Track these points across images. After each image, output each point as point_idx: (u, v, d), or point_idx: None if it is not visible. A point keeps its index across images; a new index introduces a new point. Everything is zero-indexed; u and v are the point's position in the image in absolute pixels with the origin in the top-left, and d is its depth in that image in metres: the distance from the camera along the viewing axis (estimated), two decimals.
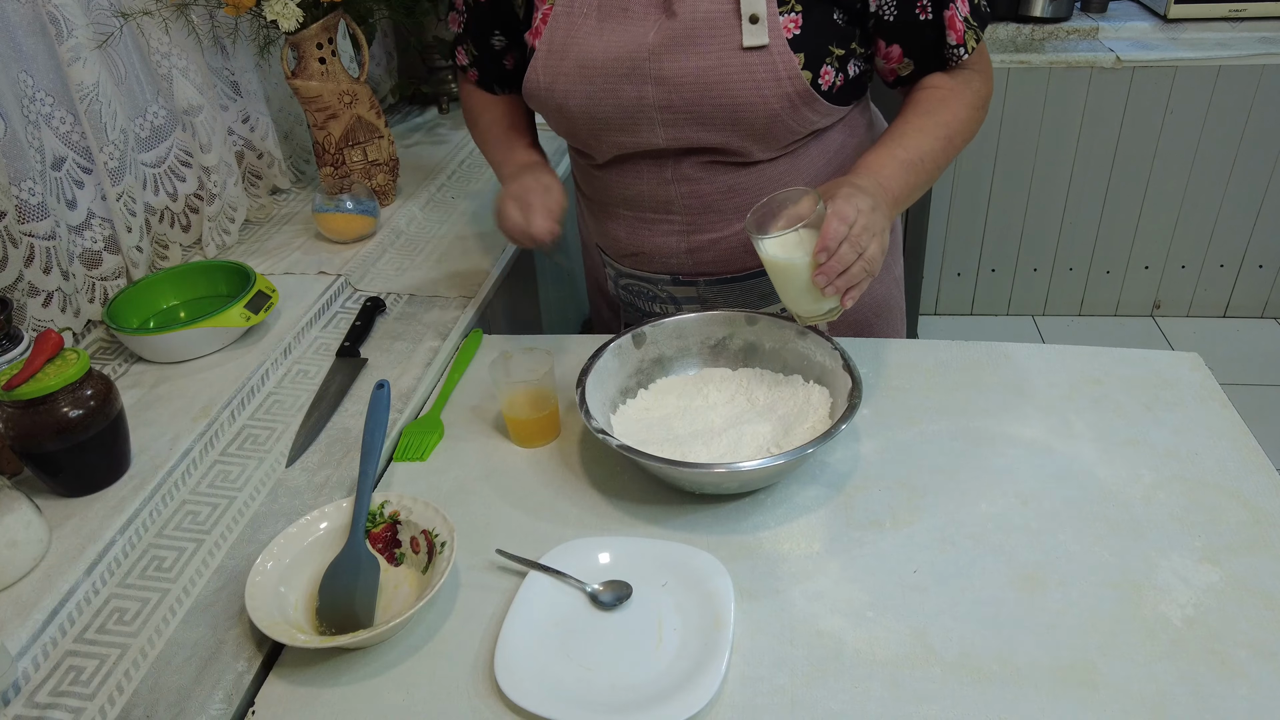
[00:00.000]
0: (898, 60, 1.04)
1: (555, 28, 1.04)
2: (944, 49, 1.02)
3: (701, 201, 1.11)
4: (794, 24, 0.98)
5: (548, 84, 1.06)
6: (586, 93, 1.04)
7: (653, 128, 1.04)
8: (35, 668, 0.78)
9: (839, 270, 0.88)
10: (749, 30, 0.97)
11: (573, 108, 1.06)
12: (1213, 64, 2.43)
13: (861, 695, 0.72)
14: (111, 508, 0.92)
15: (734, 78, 0.99)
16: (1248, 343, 2.76)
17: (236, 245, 1.48)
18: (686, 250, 1.15)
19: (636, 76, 1.01)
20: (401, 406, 1.08)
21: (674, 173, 1.09)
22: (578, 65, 1.03)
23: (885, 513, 0.90)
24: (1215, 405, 1.01)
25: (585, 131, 1.09)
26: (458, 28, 1.20)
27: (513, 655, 0.75)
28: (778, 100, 1.00)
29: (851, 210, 0.88)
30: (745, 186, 1.09)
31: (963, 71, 1.05)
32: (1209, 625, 0.76)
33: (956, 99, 1.03)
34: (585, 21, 1.03)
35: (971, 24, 1.02)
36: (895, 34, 1.02)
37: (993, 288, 2.89)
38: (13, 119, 1.09)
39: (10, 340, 1.00)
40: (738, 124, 1.02)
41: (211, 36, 1.44)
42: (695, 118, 1.02)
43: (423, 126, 1.99)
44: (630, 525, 0.90)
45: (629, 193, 1.14)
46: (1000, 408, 1.02)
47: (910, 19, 1.00)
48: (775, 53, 0.98)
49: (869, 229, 0.88)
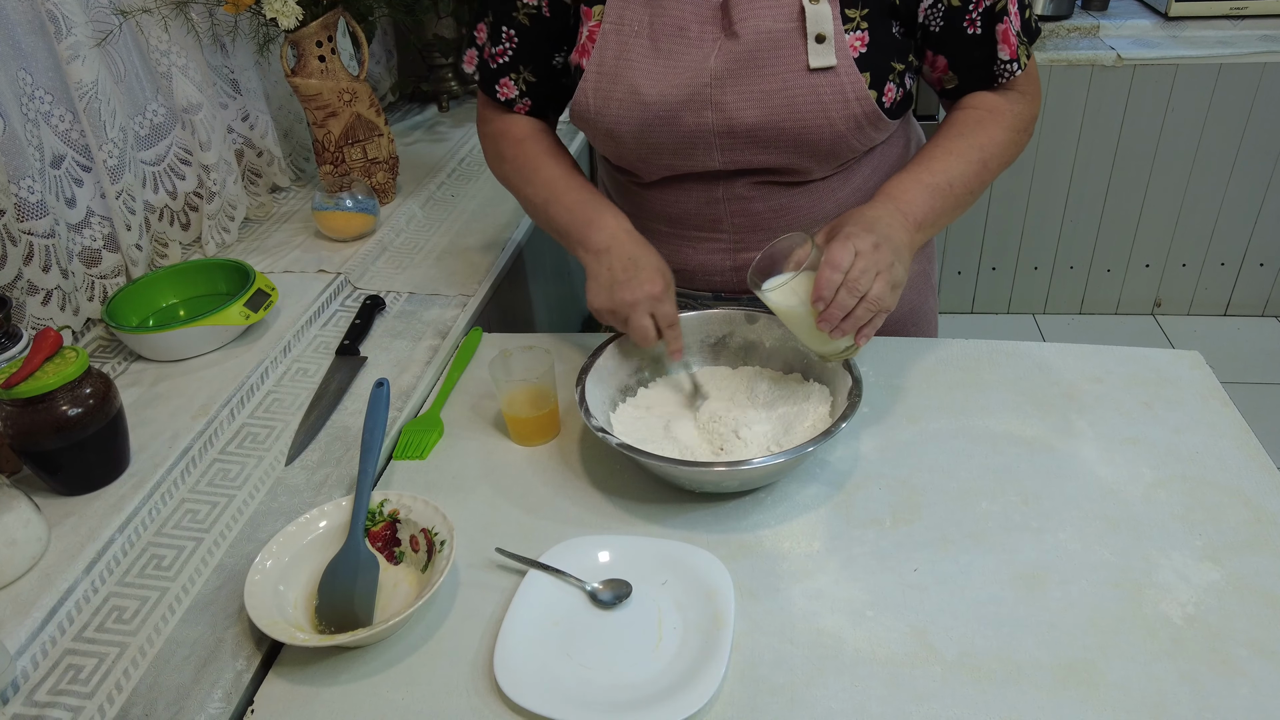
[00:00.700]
0: (943, 71, 1.01)
1: (605, 47, 0.98)
2: (994, 64, 0.98)
3: (751, 220, 1.07)
4: (860, 41, 0.94)
5: (598, 108, 1.00)
6: (641, 119, 0.99)
7: (709, 152, 1.00)
8: (34, 666, 0.78)
9: (840, 316, 0.86)
10: (815, 50, 0.93)
11: (624, 134, 1.01)
12: (1214, 62, 2.43)
13: (861, 694, 0.72)
14: (110, 506, 0.92)
15: (800, 101, 0.94)
16: (1248, 341, 2.75)
17: (236, 243, 1.48)
18: (732, 268, 1.12)
19: (696, 104, 0.96)
20: (401, 405, 1.08)
21: (725, 192, 1.05)
22: (631, 92, 0.98)
23: (885, 511, 0.89)
24: (1216, 404, 1.01)
25: (635, 156, 1.04)
26: (498, 60, 1.07)
27: (512, 654, 0.75)
28: (844, 122, 0.96)
29: (846, 254, 0.85)
30: (797, 205, 1.06)
31: (1007, 92, 1.01)
32: (1210, 624, 0.76)
33: (994, 121, 0.99)
34: (637, 41, 0.97)
35: (1023, 40, 0.98)
36: (942, 45, 0.99)
37: (993, 286, 2.89)
38: (11, 117, 1.09)
39: (9, 338, 0.99)
40: (800, 147, 0.98)
41: (211, 34, 1.44)
42: (756, 142, 0.98)
43: (422, 124, 1.99)
44: (630, 524, 0.90)
45: (673, 211, 1.10)
46: (1001, 406, 1.02)
47: (958, 31, 0.97)
48: (842, 73, 0.94)
49: (869, 270, 0.85)
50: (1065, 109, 2.53)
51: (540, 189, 1.07)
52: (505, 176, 1.14)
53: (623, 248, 0.98)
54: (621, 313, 0.95)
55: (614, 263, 0.97)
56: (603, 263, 0.98)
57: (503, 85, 1.09)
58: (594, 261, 0.99)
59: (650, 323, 0.95)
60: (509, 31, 1.05)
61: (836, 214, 1.08)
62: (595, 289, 0.98)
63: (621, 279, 0.96)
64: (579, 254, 1.02)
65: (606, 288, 0.97)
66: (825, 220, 1.08)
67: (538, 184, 1.08)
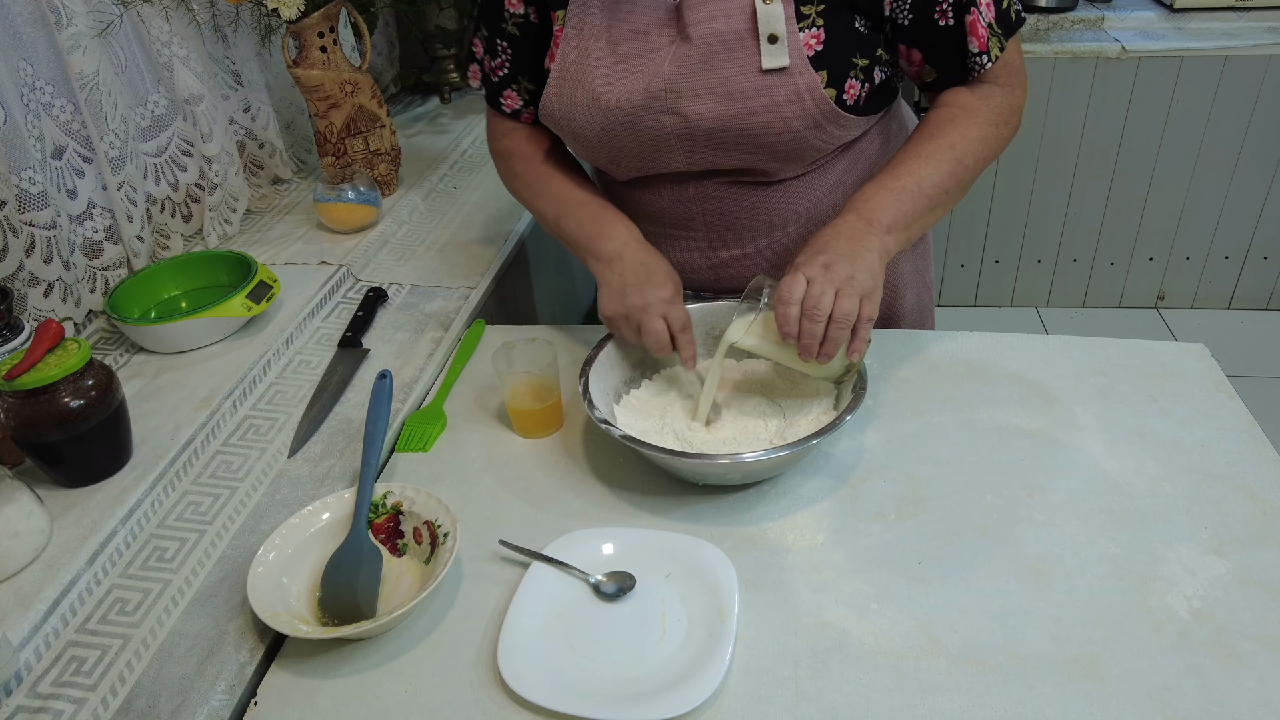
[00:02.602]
0: (920, 65, 0.99)
1: (567, 53, 0.99)
2: (966, 59, 0.96)
3: (724, 219, 1.07)
4: (815, 39, 0.93)
5: (563, 112, 1.01)
6: (602, 124, 0.99)
7: (673, 154, 1.00)
8: (37, 658, 0.78)
9: (813, 344, 0.85)
10: (768, 51, 0.92)
11: (589, 137, 1.01)
12: (1219, 54, 2.41)
13: (866, 687, 0.72)
14: (113, 498, 0.92)
15: (754, 103, 0.94)
16: (1252, 335, 2.75)
17: (238, 235, 1.47)
18: (709, 266, 1.13)
19: (654, 108, 0.96)
20: (404, 397, 1.08)
21: (696, 191, 1.05)
22: (591, 97, 0.98)
23: (890, 504, 0.89)
24: (1222, 397, 1.00)
25: (604, 158, 1.04)
26: (498, 74, 1.08)
27: (516, 646, 0.75)
28: (800, 122, 0.95)
29: (796, 287, 0.85)
30: (769, 204, 1.06)
31: (982, 86, 0.98)
32: (1215, 617, 0.76)
33: (968, 118, 0.97)
34: (596, 46, 0.97)
35: (996, 31, 0.95)
36: (913, 39, 0.97)
37: (996, 279, 2.88)
38: (12, 108, 1.08)
39: (11, 330, 0.99)
40: (760, 148, 0.98)
41: (212, 25, 1.44)
42: (716, 144, 0.98)
43: (425, 116, 1.98)
44: (633, 516, 0.90)
45: (648, 210, 1.10)
46: (1005, 399, 1.02)
47: (928, 23, 0.95)
48: (796, 73, 0.93)
49: (825, 291, 0.84)
50: (1069, 102, 2.52)
51: (550, 203, 1.08)
52: (517, 192, 1.15)
53: (633, 254, 0.99)
54: (634, 317, 0.95)
55: (625, 269, 0.98)
56: (614, 269, 0.98)
57: (506, 97, 1.10)
58: (605, 269, 0.99)
59: (663, 325, 0.95)
60: (503, 44, 1.06)
61: (813, 211, 1.08)
62: (607, 295, 0.98)
63: (633, 283, 0.96)
64: (590, 263, 1.02)
65: (618, 293, 0.97)
66: (801, 218, 1.09)
67: (548, 198, 1.09)
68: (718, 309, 1.05)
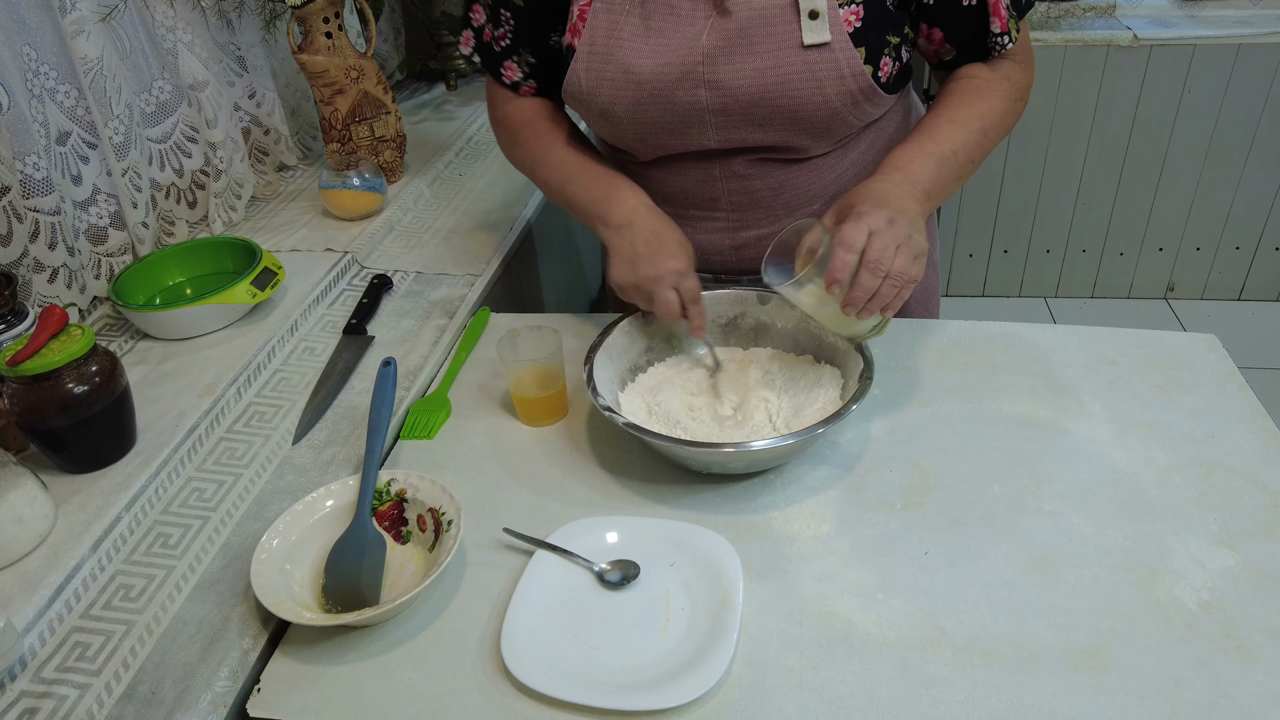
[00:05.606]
0: (940, 44, 1.00)
1: (595, 26, 0.97)
2: (987, 38, 0.98)
3: (750, 198, 1.07)
4: (855, 16, 0.93)
5: (590, 88, 0.99)
6: (634, 99, 0.97)
7: (705, 131, 0.99)
8: (41, 644, 0.78)
9: (865, 298, 0.83)
10: (809, 27, 0.91)
11: (619, 113, 0.99)
12: (1232, 42, 2.39)
13: (871, 677, 0.72)
14: (117, 484, 0.92)
15: (794, 79, 0.93)
16: (1262, 326, 2.73)
17: (243, 222, 1.47)
18: (731, 247, 1.12)
19: (689, 82, 0.95)
20: (408, 384, 1.08)
21: (722, 170, 1.04)
22: (623, 71, 0.96)
23: (896, 494, 0.89)
24: (1233, 387, 0.99)
25: (631, 135, 1.03)
26: (500, 43, 1.07)
27: (519, 634, 0.75)
28: (840, 99, 0.95)
29: (859, 234, 0.83)
30: (795, 182, 1.05)
31: (1003, 62, 1.00)
32: (1224, 609, 0.75)
33: (993, 90, 0.99)
34: (628, 20, 0.96)
35: (1013, 12, 0.97)
36: (937, 18, 0.98)
37: (1005, 269, 2.87)
38: (16, 93, 1.08)
39: (15, 316, 0.99)
40: (796, 124, 0.97)
41: (217, 10, 1.43)
42: (751, 120, 0.97)
43: (430, 103, 1.97)
44: (638, 504, 0.90)
45: (671, 190, 1.08)
46: (1013, 389, 1.01)
47: (953, 3, 0.96)
48: (837, 49, 0.92)
49: (888, 245, 0.82)
50: (1080, 90, 2.50)
51: (554, 170, 1.07)
52: (519, 161, 1.13)
53: (644, 222, 0.98)
54: (646, 288, 0.95)
55: (636, 237, 0.97)
56: (624, 238, 0.97)
57: (506, 68, 1.09)
58: (615, 236, 0.98)
59: (675, 297, 0.94)
60: (506, 14, 1.05)
61: (836, 190, 1.08)
62: (618, 264, 0.97)
63: (644, 253, 0.95)
64: (599, 230, 1.01)
65: (629, 262, 0.96)
66: (824, 196, 1.08)
67: (551, 164, 1.07)
68: (728, 296, 1.04)
